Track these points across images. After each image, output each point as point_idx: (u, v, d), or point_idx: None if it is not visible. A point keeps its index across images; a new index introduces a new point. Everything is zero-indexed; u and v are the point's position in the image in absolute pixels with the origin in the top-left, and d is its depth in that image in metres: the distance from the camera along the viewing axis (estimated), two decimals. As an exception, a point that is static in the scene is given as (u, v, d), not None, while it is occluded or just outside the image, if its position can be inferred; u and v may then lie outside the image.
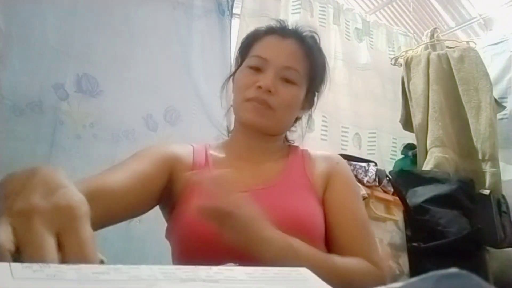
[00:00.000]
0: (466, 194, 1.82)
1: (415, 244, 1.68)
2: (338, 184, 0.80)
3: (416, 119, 2.09)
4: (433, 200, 1.78)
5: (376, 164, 1.69)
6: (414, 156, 2.12)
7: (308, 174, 0.80)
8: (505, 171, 2.01)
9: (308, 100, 0.88)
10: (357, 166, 1.64)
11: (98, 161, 1.38)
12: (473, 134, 1.98)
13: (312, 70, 0.84)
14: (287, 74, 0.79)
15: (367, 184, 1.59)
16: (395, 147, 2.30)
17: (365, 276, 0.68)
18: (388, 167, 2.10)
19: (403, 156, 2.22)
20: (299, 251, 0.62)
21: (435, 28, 2.33)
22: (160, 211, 0.83)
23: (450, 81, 2.08)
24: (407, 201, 1.75)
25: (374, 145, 2.22)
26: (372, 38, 2.39)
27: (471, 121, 1.99)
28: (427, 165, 1.95)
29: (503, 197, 1.92)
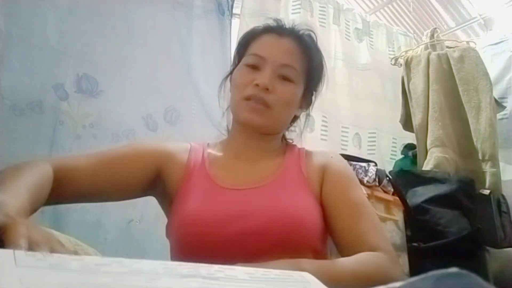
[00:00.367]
0: (466, 194, 1.82)
1: (415, 244, 1.68)
2: (334, 176, 0.79)
3: (416, 119, 2.09)
4: (433, 200, 1.78)
5: (376, 164, 1.69)
6: (414, 156, 2.12)
7: (304, 171, 0.80)
8: (505, 171, 2.01)
9: (306, 99, 0.87)
10: (357, 166, 1.64)
11: (98, 161, 1.38)
12: (473, 134, 1.98)
13: (310, 68, 0.84)
14: (285, 72, 0.79)
15: (367, 184, 1.59)
16: (395, 147, 2.29)
17: (379, 269, 0.67)
18: (388, 167, 2.10)
19: (403, 156, 2.22)
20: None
21: (435, 28, 2.33)
22: (161, 211, 0.84)
23: (450, 81, 2.08)
24: (407, 201, 1.75)
25: (374, 145, 2.22)
26: (372, 38, 2.39)
27: (471, 121, 1.99)
28: (427, 165, 1.95)
29: (503, 197, 1.92)
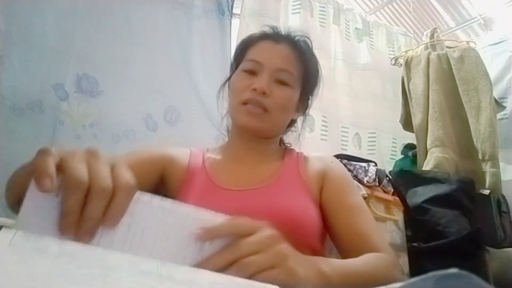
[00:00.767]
0: (466, 194, 1.82)
1: (415, 244, 1.68)
2: (334, 181, 0.81)
3: (416, 119, 2.09)
4: (433, 200, 1.78)
5: (376, 164, 1.69)
6: (414, 156, 2.12)
7: (302, 174, 0.81)
8: (505, 171, 2.01)
9: (302, 103, 0.89)
10: (357, 166, 1.64)
11: (98, 161, 1.38)
12: (473, 134, 1.98)
13: (305, 73, 0.85)
14: (281, 76, 0.81)
15: (367, 184, 1.59)
16: (395, 147, 2.30)
17: (384, 269, 0.67)
18: (388, 167, 2.10)
19: (403, 156, 2.22)
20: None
21: (435, 28, 2.33)
22: None
23: (450, 81, 2.08)
24: (407, 201, 1.75)
25: (374, 145, 2.22)
26: (372, 38, 2.39)
27: (471, 121, 1.99)
28: (427, 165, 1.95)
29: (503, 197, 1.92)
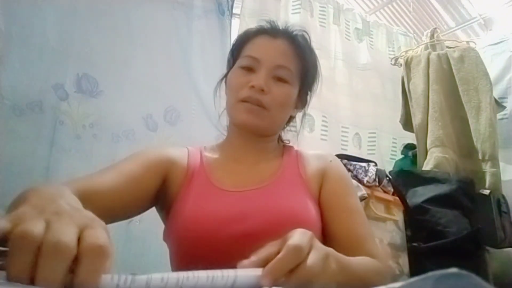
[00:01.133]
0: (466, 194, 1.82)
1: (415, 244, 1.68)
2: (333, 181, 0.80)
3: (416, 119, 2.09)
4: (433, 200, 1.78)
5: (376, 164, 1.69)
6: (414, 156, 2.12)
7: (302, 173, 0.81)
8: (505, 171, 2.01)
9: (301, 99, 0.88)
10: (357, 166, 1.64)
11: (98, 161, 1.38)
12: (473, 134, 1.98)
13: (304, 69, 0.84)
14: (279, 73, 0.79)
15: (367, 184, 1.59)
16: (395, 147, 2.30)
17: (379, 276, 0.67)
18: (388, 167, 2.10)
19: (403, 156, 2.22)
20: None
21: (435, 28, 2.33)
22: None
23: (450, 81, 2.08)
24: (407, 201, 1.75)
25: (374, 145, 2.22)
26: (372, 38, 2.39)
27: (471, 121, 1.99)
28: (427, 165, 1.95)
29: (503, 197, 1.92)
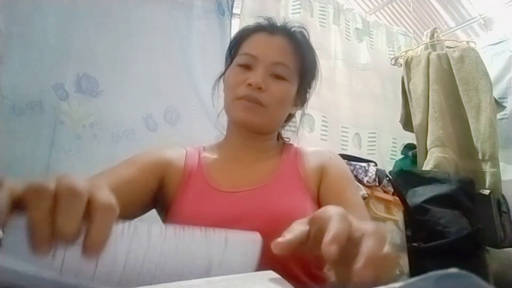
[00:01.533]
0: (466, 194, 1.82)
1: (415, 244, 1.68)
2: (332, 178, 0.79)
3: (416, 119, 2.09)
4: (433, 200, 1.78)
5: (376, 164, 1.69)
6: (414, 156, 2.12)
7: (301, 171, 0.80)
8: (505, 171, 2.01)
9: (300, 97, 0.87)
10: (357, 166, 1.64)
11: (98, 161, 1.38)
12: (473, 134, 1.98)
13: (302, 65, 0.83)
14: (277, 70, 0.78)
15: (367, 184, 1.59)
16: (395, 147, 2.30)
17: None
18: (388, 167, 2.10)
19: (403, 156, 2.22)
20: None
21: (435, 28, 2.33)
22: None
23: (450, 81, 2.08)
24: (407, 201, 1.75)
25: (374, 145, 2.23)
26: (372, 38, 2.39)
27: (471, 121, 1.99)
28: (427, 165, 1.95)
29: (503, 197, 1.92)
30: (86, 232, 0.33)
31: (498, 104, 2.12)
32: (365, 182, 1.59)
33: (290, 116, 0.90)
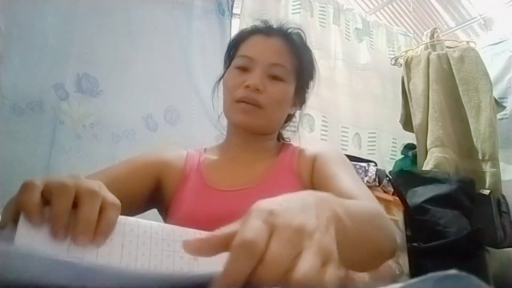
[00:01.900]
0: (466, 194, 1.82)
1: (415, 244, 1.68)
2: (323, 163, 0.77)
3: (416, 119, 2.09)
4: (433, 200, 1.78)
5: (376, 164, 1.69)
6: (414, 156, 2.12)
7: (295, 168, 0.80)
8: (505, 171, 2.01)
9: (299, 97, 0.87)
10: (357, 166, 1.64)
11: (98, 161, 1.38)
12: (473, 134, 1.98)
13: (300, 66, 0.83)
14: (275, 71, 0.79)
15: (367, 184, 1.59)
16: (395, 147, 2.30)
17: (377, 210, 0.58)
18: (388, 167, 2.10)
19: (403, 156, 2.22)
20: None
21: (435, 28, 2.33)
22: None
23: (450, 81, 2.08)
24: (407, 201, 1.75)
25: (374, 145, 2.22)
26: (372, 38, 2.39)
27: (471, 121, 1.99)
28: (427, 165, 1.95)
29: (503, 197, 1.92)
30: (98, 220, 0.40)
31: (498, 104, 2.12)
32: (365, 182, 1.59)
33: (290, 117, 0.91)
